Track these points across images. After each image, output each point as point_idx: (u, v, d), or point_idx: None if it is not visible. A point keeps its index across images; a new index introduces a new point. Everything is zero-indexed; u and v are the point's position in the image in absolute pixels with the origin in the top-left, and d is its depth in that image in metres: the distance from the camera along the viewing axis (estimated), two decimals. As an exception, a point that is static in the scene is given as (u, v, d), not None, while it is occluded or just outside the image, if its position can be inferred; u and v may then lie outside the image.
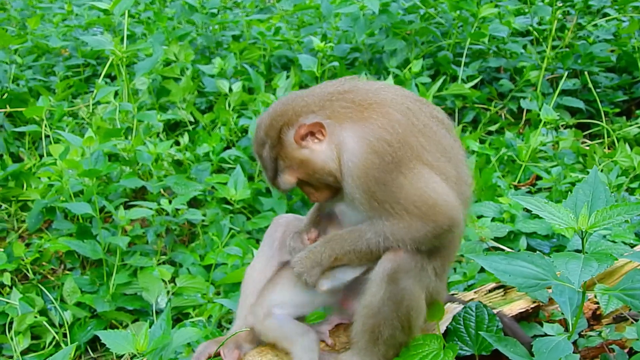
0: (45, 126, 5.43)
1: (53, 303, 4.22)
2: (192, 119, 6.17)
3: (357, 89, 2.85)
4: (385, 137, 2.68)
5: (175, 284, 4.29)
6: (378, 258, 2.78)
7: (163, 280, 4.27)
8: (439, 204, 2.71)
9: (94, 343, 4.19)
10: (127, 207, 4.80)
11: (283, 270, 3.06)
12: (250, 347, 3.14)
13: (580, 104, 6.29)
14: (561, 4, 7.00)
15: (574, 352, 2.72)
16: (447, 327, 3.02)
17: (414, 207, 2.69)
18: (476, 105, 6.40)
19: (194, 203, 5.21)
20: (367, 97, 2.80)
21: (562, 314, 3.14)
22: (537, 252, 2.58)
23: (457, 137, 2.99)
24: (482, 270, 3.89)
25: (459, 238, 3.01)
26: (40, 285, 4.37)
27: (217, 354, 3.11)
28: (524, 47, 7.02)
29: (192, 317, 4.11)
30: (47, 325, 4.10)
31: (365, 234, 2.79)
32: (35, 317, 4.07)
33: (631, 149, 5.38)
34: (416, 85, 5.83)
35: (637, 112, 6.27)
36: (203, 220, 4.92)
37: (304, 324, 3.05)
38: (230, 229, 4.73)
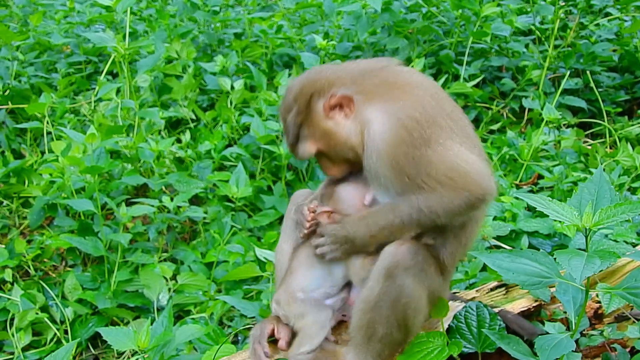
0: (47, 123, 5.43)
1: (54, 300, 4.22)
2: (193, 117, 6.17)
3: (389, 70, 2.86)
4: (415, 115, 2.69)
5: (177, 281, 4.29)
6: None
7: (164, 278, 4.27)
8: (471, 173, 2.69)
9: (95, 340, 4.19)
10: (128, 204, 4.80)
11: (300, 254, 3.04)
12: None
13: (582, 104, 6.28)
14: (563, 3, 7.00)
15: (575, 351, 2.73)
16: (448, 325, 3.01)
17: (446, 177, 2.67)
18: (478, 104, 6.40)
19: (195, 200, 5.22)
20: (399, 78, 2.81)
21: (564, 312, 3.15)
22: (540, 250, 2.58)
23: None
24: (483, 268, 3.88)
25: (472, 232, 2.96)
26: (41, 282, 4.37)
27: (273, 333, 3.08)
28: (526, 46, 7.02)
29: (193, 315, 4.11)
30: (48, 321, 4.10)
31: (399, 208, 2.74)
32: (37, 313, 4.07)
33: (633, 148, 5.37)
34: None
35: (639, 111, 6.26)
36: (204, 218, 4.92)
37: (322, 301, 3.04)
38: (232, 226, 4.73)
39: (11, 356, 3.97)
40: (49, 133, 5.48)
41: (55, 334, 4.10)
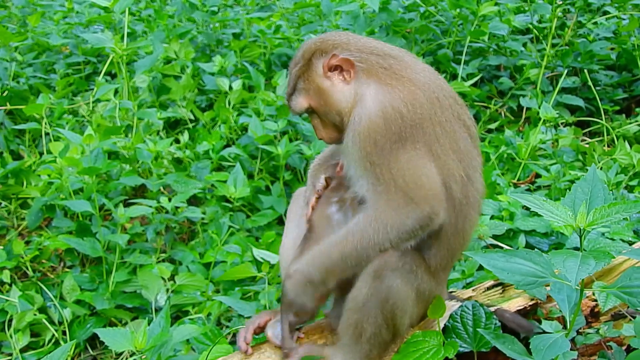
0: (46, 124, 5.44)
1: (52, 301, 4.23)
2: (192, 117, 6.17)
3: (400, 58, 2.84)
4: (401, 109, 2.69)
5: (175, 282, 4.30)
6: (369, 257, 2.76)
7: (162, 278, 4.28)
8: (426, 188, 2.68)
9: (94, 340, 4.20)
10: (126, 204, 4.81)
11: (320, 223, 3.05)
12: (300, 319, 3.12)
13: (580, 102, 6.28)
14: (561, 2, 7.00)
15: (572, 350, 2.73)
16: (444, 324, 3.02)
17: (403, 181, 2.66)
18: (476, 103, 6.40)
19: (193, 201, 5.22)
20: (404, 71, 2.79)
21: (561, 311, 3.15)
22: (536, 249, 2.58)
23: (478, 146, 2.98)
24: (480, 267, 3.89)
25: (463, 236, 2.99)
26: (39, 283, 4.38)
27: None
28: (524, 45, 7.02)
29: (191, 315, 4.12)
30: (47, 322, 4.11)
31: (350, 230, 2.75)
32: (35, 314, 4.08)
33: (631, 146, 5.38)
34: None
35: (637, 109, 6.27)
36: (203, 218, 4.93)
37: None
38: (230, 226, 4.74)
39: (9, 357, 3.98)
40: (47, 134, 5.49)
41: (53, 335, 4.11)
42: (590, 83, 6.15)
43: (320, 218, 3.05)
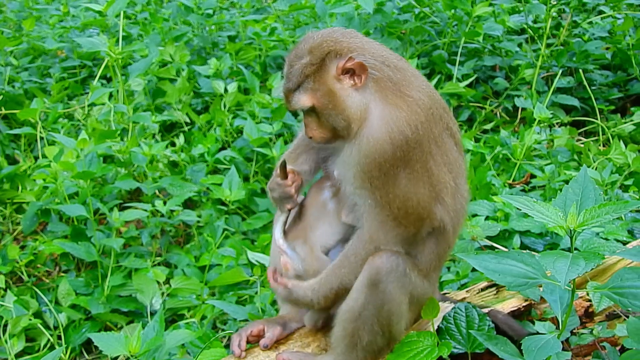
0: (41, 128, 5.44)
1: (48, 305, 4.22)
2: (187, 120, 6.17)
3: (404, 72, 2.82)
4: (407, 132, 2.70)
5: (170, 286, 4.29)
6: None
7: (158, 282, 4.27)
8: (415, 214, 2.78)
9: (89, 345, 4.20)
10: (122, 208, 4.80)
11: (312, 208, 3.10)
12: (297, 325, 3.19)
13: (575, 102, 6.29)
14: (556, 2, 7.01)
15: (566, 350, 2.73)
16: (438, 326, 3.02)
17: (396, 206, 2.75)
18: (471, 104, 6.40)
19: (189, 204, 5.22)
20: (408, 88, 2.78)
21: (554, 312, 3.15)
22: (530, 250, 2.59)
23: (462, 150, 3.02)
24: (474, 269, 3.88)
25: (450, 239, 3.01)
26: (34, 288, 4.37)
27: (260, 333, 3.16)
28: (519, 45, 7.03)
29: (186, 319, 4.12)
30: (42, 327, 4.10)
31: (348, 257, 2.85)
32: (30, 319, 4.07)
33: (626, 146, 5.38)
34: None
35: (632, 109, 6.26)
36: (198, 221, 4.93)
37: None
38: (225, 229, 4.73)
39: (5, 362, 3.98)
40: (42, 138, 5.49)
41: (48, 339, 4.10)
42: (585, 83, 6.16)
43: (313, 204, 3.06)
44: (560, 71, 6.16)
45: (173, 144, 5.83)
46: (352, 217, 2.91)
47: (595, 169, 4.98)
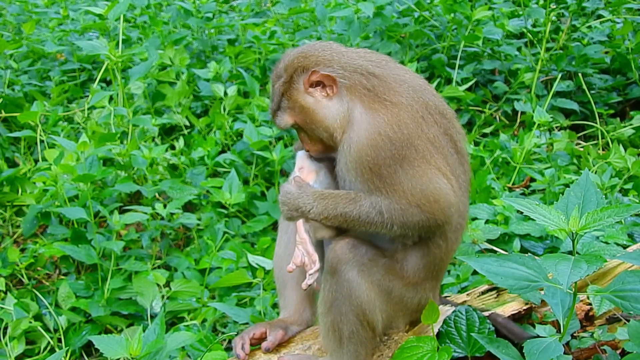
0: (41, 131, 5.43)
1: (48, 308, 4.22)
2: (187, 123, 6.18)
3: (383, 79, 2.84)
4: (388, 133, 2.72)
5: (170, 288, 4.30)
6: (365, 231, 2.83)
7: (158, 285, 4.27)
8: (440, 200, 2.76)
9: (89, 348, 4.19)
10: (122, 211, 4.81)
11: None
12: (298, 329, 3.21)
13: (575, 106, 6.30)
14: (555, 6, 7.02)
15: (566, 354, 2.73)
16: (438, 329, 3.02)
17: (413, 198, 2.74)
18: (471, 108, 6.41)
19: (189, 207, 5.22)
20: (387, 94, 2.80)
21: (555, 315, 3.16)
22: (530, 254, 2.59)
23: (466, 161, 3.02)
24: (475, 272, 3.89)
25: (444, 250, 3.00)
26: (35, 291, 4.37)
27: (262, 336, 3.16)
28: (518, 49, 7.04)
29: (186, 321, 4.12)
30: (42, 330, 4.10)
31: (361, 203, 2.79)
32: (30, 322, 4.07)
33: (625, 150, 5.39)
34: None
35: (631, 113, 6.27)
36: (198, 224, 4.93)
37: None
38: (225, 232, 4.74)
39: (5, 365, 3.97)
40: (42, 141, 5.49)
41: (49, 342, 4.10)
42: (584, 87, 6.17)
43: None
44: (560, 75, 6.16)
45: (173, 147, 5.83)
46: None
47: (595, 173, 4.99)
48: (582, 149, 5.75)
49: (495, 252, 4.11)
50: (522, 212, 4.46)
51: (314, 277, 2.87)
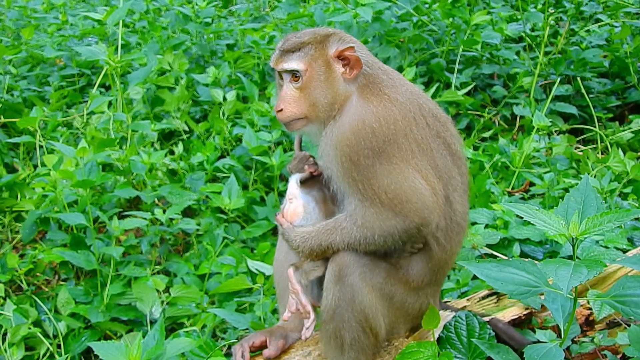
0: (40, 136, 5.43)
1: (47, 314, 4.21)
2: (186, 128, 6.18)
3: (391, 75, 2.92)
4: (373, 124, 2.75)
5: (170, 294, 4.29)
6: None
7: (157, 290, 4.26)
8: (412, 200, 2.75)
9: (88, 354, 4.18)
10: (121, 217, 4.80)
11: None
12: (298, 335, 3.18)
13: (574, 110, 6.30)
14: (553, 10, 7.03)
15: (567, 359, 2.73)
16: (438, 335, 3.02)
17: (387, 197, 2.74)
18: (470, 112, 6.41)
19: (188, 212, 5.22)
20: (388, 89, 2.86)
21: (555, 320, 3.16)
22: (530, 258, 2.59)
23: (462, 163, 3.02)
24: (475, 277, 3.89)
25: (443, 253, 3.00)
26: (34, 296, 4.36)
27: (263, 344, 3.17)
28: (517, 53, 7.04)
29: (186, 327, 4.11)
30: (41, 336, 4.09)
31: (341, 225, 2.83)
32: (29, 328, 4.06)
33: (624, 154, 5.39)
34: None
35: (630, 117, 6.28)
36: (197, 230, 4.93)
37: None
38: (225, 238, 4.73)
39: (4, 371, 3.96)
40: (41, 147, 5.48)
41: (48, 348, 4.09)
42: (583, 91, 6.18)
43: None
44: (559, 79, 6.17)
45: (172, 152, 5.83)
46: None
47: (594, 177, 4.99)
48: (581, 153, 5.75)
49: (495, 256, 4.11)
50: (521, 217, 4.50)
51: (311, 330, 2.92)
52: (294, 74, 2.87)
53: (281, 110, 2.89)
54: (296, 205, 3.02)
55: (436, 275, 3.00)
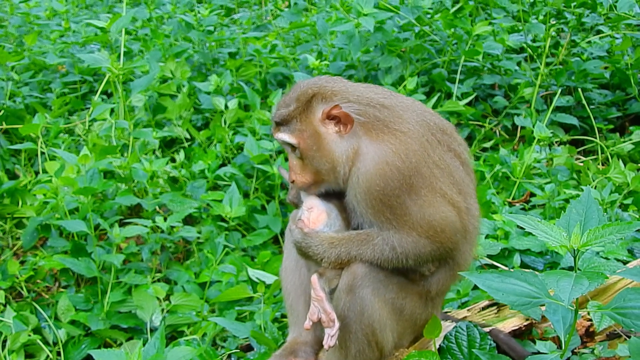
0: (41, 143, 5.44)
1: (47, 321, 4.21)
2: (188, 136, 6.19)
3: (392, 109, 2.87)
4: (397, 163, 2.74)
5: (170, 302, 4.29)
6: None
7: (158, 298, 4.27)
8: (446, 230, 2.80)
9: (88, 361, 4.18)
10: (122, 224, 4.80)
11: None
12: (310, 350, 3.17)
13: (574, 121, 6.31)
14: (555, 22, 7.05)
15: (567, 370, 2.73)
16: (439, 345, 3.02)
17: (422, 229, 2.77)
18: (471, 122, 6.42)
19: (189, 220, 5.22)
20: (396, 123, 2.83)
21: (555, 331, 3.15)
22: (530, 269, 2.59)
23: (471, 169, 3.06)
24: (475, 287, 3.89)
25: (464, 261, 3.02)
26: (34, 303, 4.37)
27: None
28: (518, 64, 7.06)
29: (186, 335, 4.10)
30: (41, 343, 4.09)
31: (373, 240, 2.81)
32: (29, 335, 4.06)
33: (625, 165, 5.40)
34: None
35: (631, 128, 6.29)
36: (198, 238, 4.93)
37: None
38: (225, 246, 4.73)
39: (3, 378, 3.96)
40: (43, 153, 5.49)
41: (48, 355, 4.09)
42: (584, 102, 6.19)
43: None
44: (560, 90, 6.19)
45: (173, 160, 5.83)
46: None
47: (595, 188, 4.99)
48: (581, 164, 5.76)
49: (496, 267, 4.11)
50: (522, 227, 4.49)
51: (334, 338, 2.80)
52: (291, 145, 2.89)
53: (294, 181, 2.95)
54: (319, 212, 2.97)
55: (455, 280, 3.04)
